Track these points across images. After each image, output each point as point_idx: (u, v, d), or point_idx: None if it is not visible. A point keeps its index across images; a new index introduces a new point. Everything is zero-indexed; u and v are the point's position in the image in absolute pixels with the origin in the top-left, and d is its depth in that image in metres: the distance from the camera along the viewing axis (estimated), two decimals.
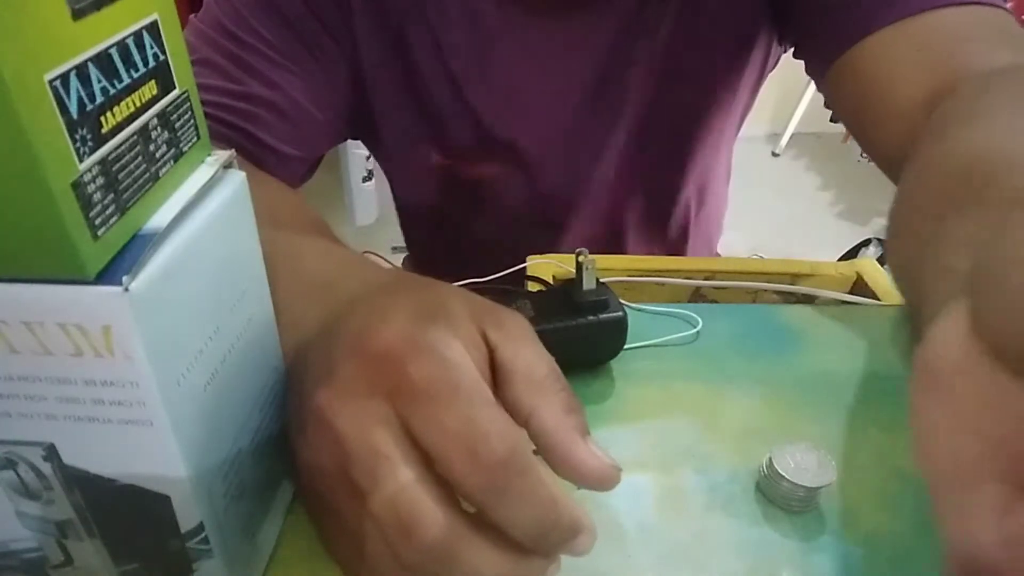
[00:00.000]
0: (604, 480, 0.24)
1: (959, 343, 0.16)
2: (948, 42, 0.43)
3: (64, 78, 0.19)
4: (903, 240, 0.34)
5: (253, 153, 0.53)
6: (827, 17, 0.49)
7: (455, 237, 0.71)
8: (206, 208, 0.24)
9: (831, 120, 2.48)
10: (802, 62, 0.57)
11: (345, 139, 0.65)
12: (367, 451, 0.23)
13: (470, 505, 0.23)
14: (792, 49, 0.58)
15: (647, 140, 0.61)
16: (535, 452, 0.24)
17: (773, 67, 0.65)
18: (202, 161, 0.26)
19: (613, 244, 0.69)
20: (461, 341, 0.24)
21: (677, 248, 0.72)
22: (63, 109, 0.19)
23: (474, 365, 0.24)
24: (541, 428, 0.24)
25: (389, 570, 0.23)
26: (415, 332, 0.24)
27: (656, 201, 0.67)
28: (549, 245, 0.54)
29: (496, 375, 0.25)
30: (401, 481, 0.22)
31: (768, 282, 0.52)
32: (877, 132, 0.47)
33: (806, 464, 0.34)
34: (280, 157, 0.55)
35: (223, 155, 0.26)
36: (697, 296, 0.53)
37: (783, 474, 0.33)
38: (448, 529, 0.22)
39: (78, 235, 0.19)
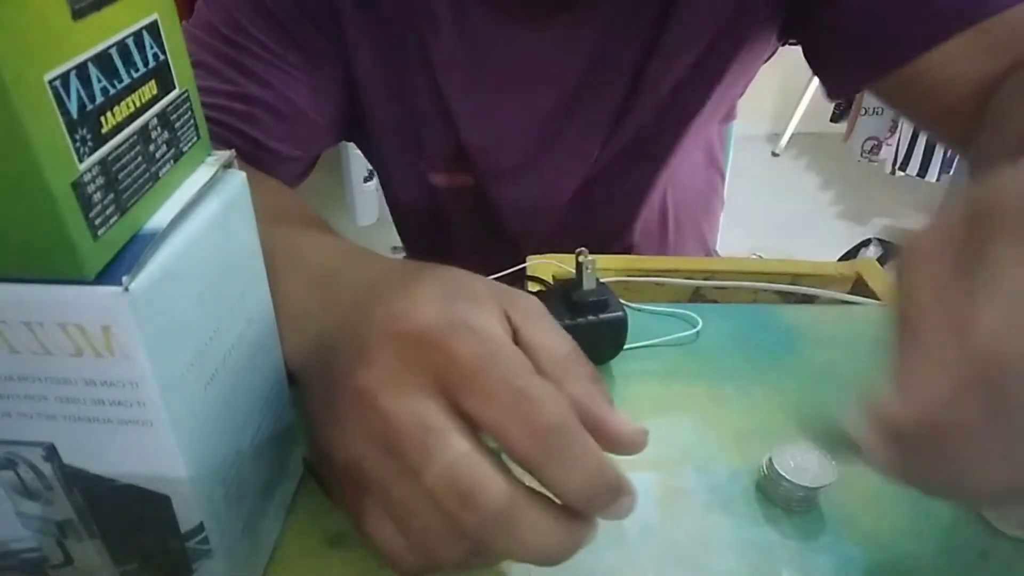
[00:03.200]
0: (636, 444, 0.25)
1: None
2: (1009, 41, 0.45)
3: (64, 78, 0.19)
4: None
5: (249, 153, 0.53)
6: (882, 28, 0.49)
7: (447, 239, 0.71)
8: (206, 208, 0.24)
9: (831, 120, 2.48)
10: (799, 64, 0.56)
11: (340, 141, 0.65)
12: (417, 426, 0.23)
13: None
14: (801, 45, 0.58)
15: (624, 141, 0.61)
16: None
17: (766, 60, 0.64)
18: (202, 161, 0.26)
19: (592, 242, 0.68)
20: (491, 316, 0.25)
21: (661, 239, 0.72)
22: (63, 109, 0.19)
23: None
24: (573, 400, 0.24)
25: (441, 545, 0.24)
26: (451, 311, 0.24)
27: (631, 195, 0.67)
28: (532, 247, 0.54)
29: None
30: (457, 451, 0.22)
31: (768, 282, 0.52)
32: (943, 125, 0.50)
33: (806, 464, 0.34)
34: (276, 157, 0.55)
35: (223, 155, 0.26)
36: (697, 296, 0.53)
37: (783, 474, 0.33)
38: (509, 495, 0.22)
39: (78, 235, 0.19)
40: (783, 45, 0.62)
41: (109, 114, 0.20)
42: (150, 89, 0.22)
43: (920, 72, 0.48)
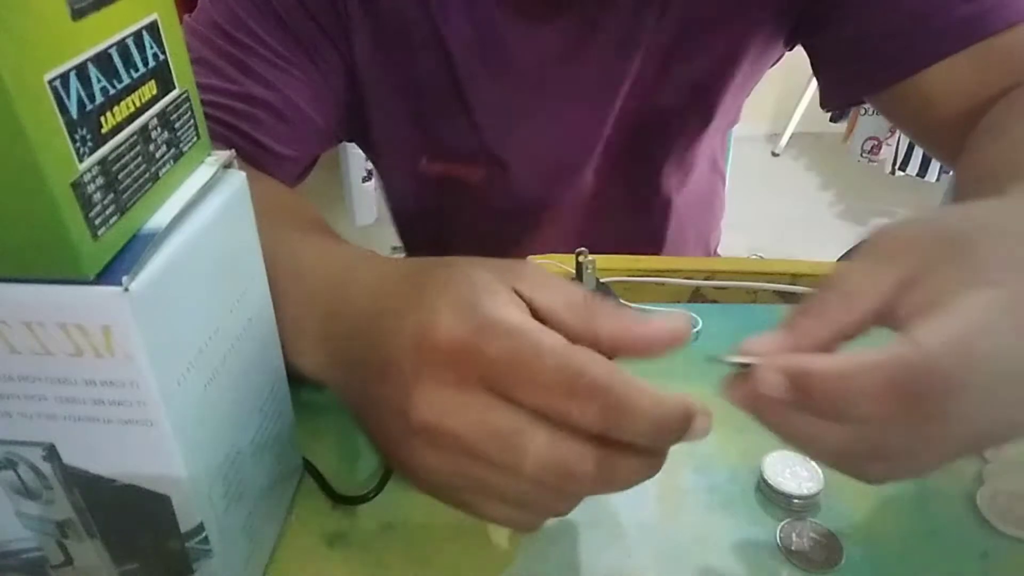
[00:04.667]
0: (679, 333, 0.26)
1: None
2: (1006, 62, 0.46)
3: (64, 78, 0.19)
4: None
5: (249, 152, 0.53)
6: (884, 43, 0.50)
7: (447, 237, 0.71)
8: (206, 208, 0.24)
9: (831, 120, 2.48)
10: (799, 63, 0.56)
11: (340, 142, 0.65)
12: (492, 435, 0.24)
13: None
14: (808, 52, 0.58)
15: (636, 139, 0.61)
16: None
17: (772, 64, 0.65)
18: (202, 161, 0.26)
19: (595, 239, 0.68)
20: (509, 304, 0.26)
21: (660, 237, 0.72)
22: (63, 109, 0.19)
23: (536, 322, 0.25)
24: (611, 336, 0.26)
25: (555, 507, 0.27)
26: (471, 315, 0.25)
27: (636, 197, 0.67)
28: (532, 247, 0.54)
29: (543, 322, 0.26)
30: (539, 441, 0.24)
31: (768, 282, 0.52)
32: (937, 139, 0.53)
33: (799, 472, 0.34)
34: (276, 157, 0.55)
35: (223, 155, 0.26)
36: (697, 296, 0.53)
37: (773, 486, 0.34)
38: (597, 460, 0.24)
39: (78, 235, 0.19)
40: (790, 50, 0.62)
41: (109, 114, 0.20)
42: (150, 89, 0.22)
43: (917, 87, 0.49)
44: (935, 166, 2.20)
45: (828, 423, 0.23)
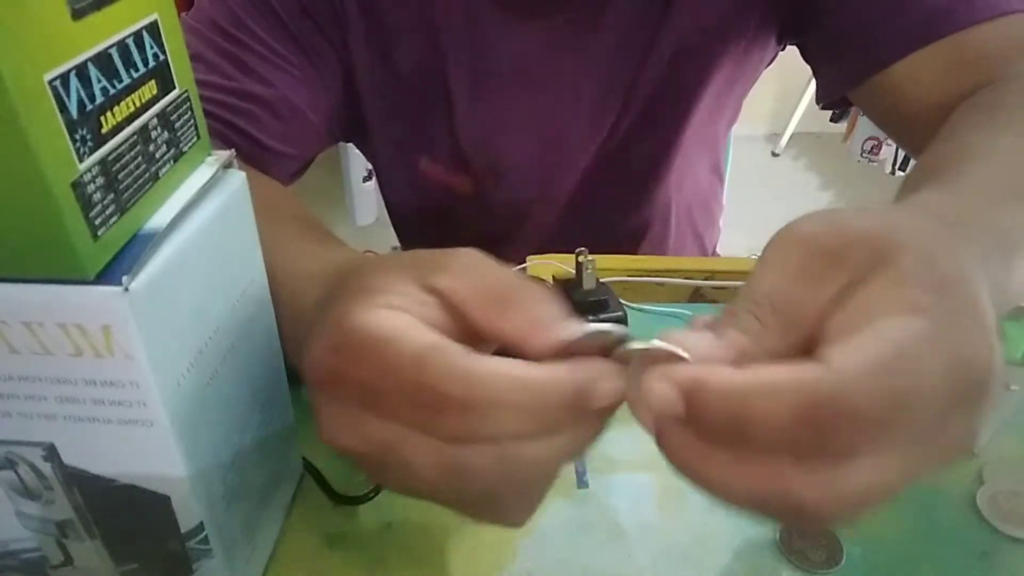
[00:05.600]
0: (547, 340, 0.23)
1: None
2: (978, 59, 0.46)
3: (64, 78, 0.19)
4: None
5: (245, 149, 0.53)
6: (857, 39, 0.50)
7: (444, 239, 0.71)
8: (206, 208, 0.24)
9: (831, 120, 2.48)
10: (797, 64, 0.56)
11: (338, 141, 0.65)
12: (378, 451, 0.23)
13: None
14: (799, 50, 0.58)
15: (623, 142, 0.61)
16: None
17: (767, 65, 0.65)
18: (202, 161, 0.26)
19: (595, 238, 0.68)
20: (388, 310, 0.24)
21: (660, 238, 0.72)
22: (63, 109, 0.19)
23: (412, 322, 0.23)
24: (511, 339, 0.23)
25: (497, 509, 0.24)
26: (336, 332, 0.24)
27: (628, 198, 0.67)
28: (531, 247, 0.54)
29: (455, 316, 0.25)
30: (422, 450, 0.22)
31: None
32: (908, 135, 0.51)
33: None
34: (272, 154, 0.55)
35: (223, 155, 0.26)
36: (697, 296, 0.53)
37: None
38: (494, 454, 0.22)
39: (78, 235, 0.19)
40: (783, 49, 0.62)
41: (109, 114, 0.20)
42: (150, 89, 0.22)
43: (890, 83, 0.49)
44: None
45: (727, 456, 0.21)
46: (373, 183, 1.88)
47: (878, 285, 0.22)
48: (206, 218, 0.24)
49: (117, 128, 0.21)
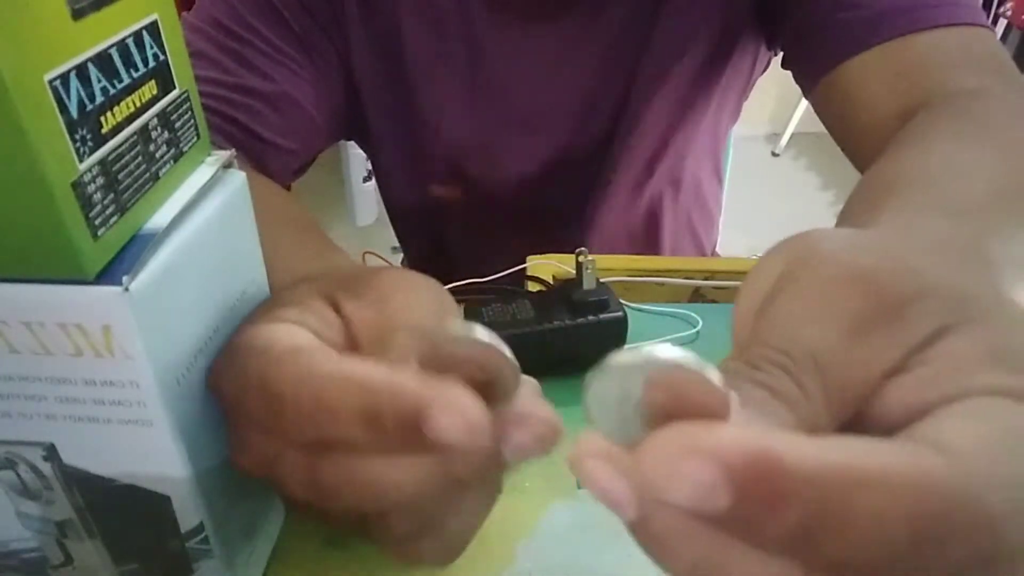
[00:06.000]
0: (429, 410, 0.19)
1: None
2: (923, 67, 0.45)
3: (64, 78, 0.19)
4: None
5: (246, 144, 0.53)
6: (813, 37, 0.50)
7: (443, 240, 0.71)
8: (206, 208, 0.24)
9: None
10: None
11: (339, 139, 0.65)
12: (262, 468, 0.23)
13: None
14: (782, 52, 0.59)
15: (627, 142, 0.61)
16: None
17: (763, 70, 0.65)
18: (202, 161, 0.26)
19: (594, 236, 0.69)
20: (280, 323, 0.23)
21: (653, 237, 0.72)
22: (63, 109, 0.19)
23: (300, 333, 0.23)
24: (382, 388, 0.20)
25: (392, 532, 0.23)
26: (224, 353, 0.24)
27: (631, 192, 0.67)
28: (530, 247, 0.54)
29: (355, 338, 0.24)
30: (297, 465, 0.21)
31: None
32: (856, 146, 0.50)
33: None
34: (274, 148, 0.55)
35: (223, 155, 0.26)
36: (697, 296, 0.53)
37: None
38: (358, 466, 0.20)
39: (78, 235, 0.19)
40: (775, 54, 0.62)
41: (109, 114, 0.20)
42: (150, 89, 0.22)
43: (843, 86, 0.48)
44: None
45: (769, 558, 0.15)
46: (373, 183, 1.88)
47: (971, 347, 0.17)
48: (206, 218, 0.24)
49: (117, 128, 0.21)
